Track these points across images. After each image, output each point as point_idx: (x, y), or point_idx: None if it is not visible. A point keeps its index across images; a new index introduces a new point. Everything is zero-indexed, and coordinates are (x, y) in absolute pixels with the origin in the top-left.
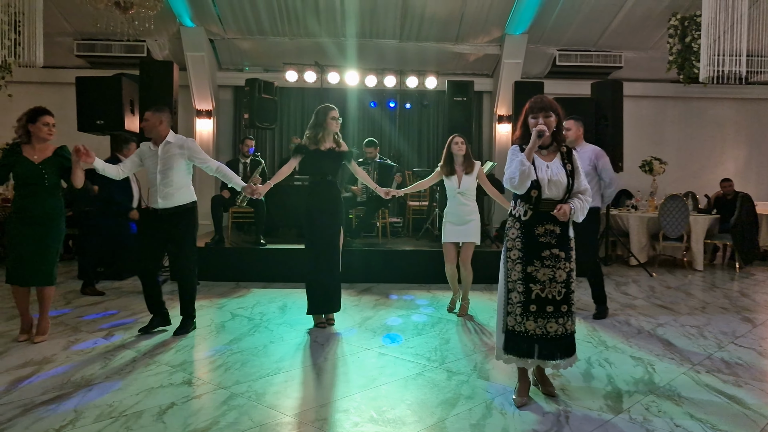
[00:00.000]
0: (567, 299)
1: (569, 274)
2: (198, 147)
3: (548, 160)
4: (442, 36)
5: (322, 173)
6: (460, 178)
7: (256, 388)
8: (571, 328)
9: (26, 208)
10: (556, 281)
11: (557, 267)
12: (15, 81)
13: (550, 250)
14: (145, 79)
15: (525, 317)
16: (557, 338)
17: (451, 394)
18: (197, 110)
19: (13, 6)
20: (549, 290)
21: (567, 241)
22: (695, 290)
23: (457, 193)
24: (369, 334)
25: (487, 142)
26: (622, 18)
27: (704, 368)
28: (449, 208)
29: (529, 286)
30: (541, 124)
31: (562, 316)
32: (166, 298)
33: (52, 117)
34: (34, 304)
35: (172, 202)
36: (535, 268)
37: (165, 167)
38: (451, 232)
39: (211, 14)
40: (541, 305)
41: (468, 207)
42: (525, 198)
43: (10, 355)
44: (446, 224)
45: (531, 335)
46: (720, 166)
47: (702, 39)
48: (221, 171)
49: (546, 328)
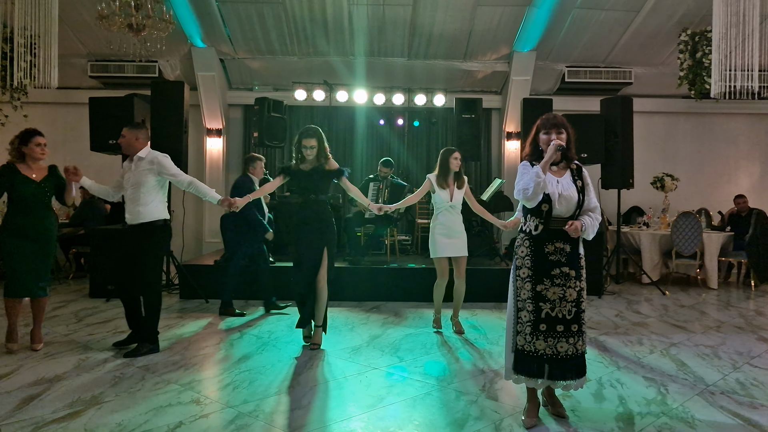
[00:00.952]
0: (577, 318)
1: (580, 293)
2: (168, 162)
3: (559, 176)
4: (451, 53)
5: (306, 192)
6: (452, 191)
7: (263, 407)
8: (581, 348)
9: (25, 225)
10: (566, 300)
11: (567, 286)
12: (30, 102)
13: (560, 269)
14: (156, 98)
15: (535, 336)
16: (567, 358)
17: (460, 415)
18: (207, 129)
19: (29, 29)
20: (559, 309)
21: (577, 259)
22: (709, 309)
23: (449, 206)
24: (377, 353)
25: (495, 159)
26: (632, 34)
27: (719, 389)
28: (440, 221)
29: (539, 305)
30: (555, 139)
31: (572, 336)
32: (175, 317)
33: (44, 137)
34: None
35: (138, 218)
36: (545, 287)
37: (135, 183)
38: (444, 245)
39: (222, 35)
40: (551, 324)
41: (458, 220)
42: (536, 212)
43: (21, 373)
44: (438, 237)
45: (541, 355)
46: (733, 182)
47: (713, 54)
48: (194, 185)
49: (556, 347)
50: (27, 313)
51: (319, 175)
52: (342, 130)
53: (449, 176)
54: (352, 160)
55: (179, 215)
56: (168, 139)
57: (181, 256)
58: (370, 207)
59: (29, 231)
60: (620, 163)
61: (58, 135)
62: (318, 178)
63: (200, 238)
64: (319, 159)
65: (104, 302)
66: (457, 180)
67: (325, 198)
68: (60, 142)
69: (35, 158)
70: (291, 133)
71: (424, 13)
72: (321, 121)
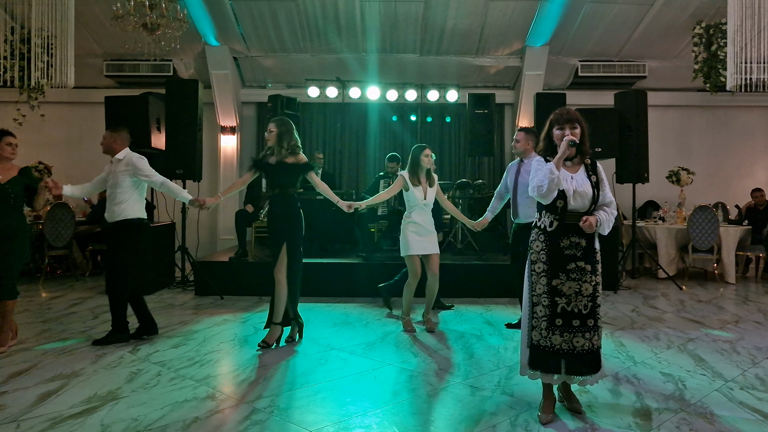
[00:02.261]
0: (593, 313)
1: (595, 288)
2: (142, 163)
3: (573, 171)
4: (463, 49)
5: (274, 186)
6: (425, 189)
7: (278, 402)
8: (597, 343)
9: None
10: (582, 295)
11: (583, 280)
12: (47, 101)
13: (576, 263)
14: (171, 97)
15: (551, 331)
16: (584, 353)
17: (475, 411)
18: (221, 127)
19: (46, 30)
20: (575, 304)
21: (593, 253)
22: (727, 304)
23: (423, 204)
24: (391, 348)
25: (508, 154)
26: (645, 27)
27: (738, 385)
28: (413, 219)
29: (555, 300)
30: (568, 134)
31: (588, 331)
32: (190, 313)
33: (15, 138)
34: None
35: (114, 216)
36: (561, 281)
37: (113, 183)
38: (417, 243)
39: (235, 33)
40: (567, 319)
41: (430, 218)
42: (551, 209)
43: (39, 369)
44: (410, 235)
45: (557, 350)
46: (750, 175)
47: (728, 47)
48: (166, 185)
49: (573, 342)
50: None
51: (284, 168)
52: (355, 126)
53: (421, 174)
54: (365, 157)
55: (193, 213)
56: (182, 137)
57: (196, 252)
58: (339, 204)
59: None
60: (635, 158)
61: (74, 134)
62: (283, 171)
63: (215, 234)
64: (282, 151)
65: None
66: (429, 178)
67: (292, 192)
68: (76, 141)
69: (5, 158)
70: (304, 130)
71: (436, 9)
72: (334, 118)
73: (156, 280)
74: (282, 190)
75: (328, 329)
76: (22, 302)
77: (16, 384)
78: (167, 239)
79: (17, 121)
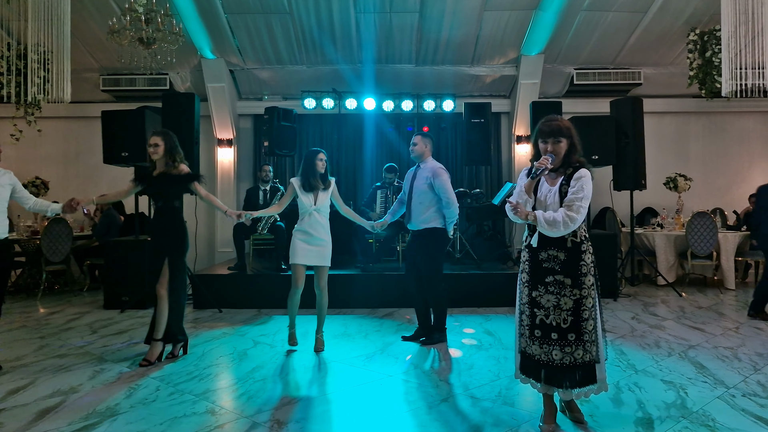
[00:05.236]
0: (576, 327)
1: (579, 302)
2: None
3: (554, 183)
4: (458, 59)
5: (157, 199)
6: (317, 194)
7: (278, 416)
8: (582, 358)
9: None
10: (560, 308)
11: (562, 294)
12: (43, 116)
13: (554, 276)
14: (167, 110)
15: (531, 341)
16: (564, 367)
17: (476, 422)
18: (218, 139)
19: (42, 45)
20: (554, 317)
21: (575, 267)
22: (727, 310)
23: (313, 210)
24: (391, 359)
25: (506, 163)
26: (640, 35)
27: (740, 392)
28: (302, 226)
29: (534, 311)
30: (545, 156)
31: (568, 345)
32: (189, 327)
33: None
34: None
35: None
36: (539, 294)
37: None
38: (304, 252)
39: (231, 46)
40: (546, 331)
41: (322, 225)
42: (529, 224)
43: (37, 386)
44: (297, 242)
45: (537, 360)
46: (748, 181)
47: (723, 53)
48: (37, 202)
49: (551, 354)
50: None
51: (168, 180)
52: (351, 137)
53: (315, 178)
54: (362, 168)
55: (191, 225)
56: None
57: (194, 265)
58: (229, 214)
59: None
60: (632, 164)
61: (71, 148)
62: (167, 183)
63: (213, 247)
64: (167, 163)
65: (119, 314)
66: (323, 182)
67: (177, 205)
68: (73, 155)
69: None
70: (301, 141)
71: (430, 20)
72: (330, 129)
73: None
74: (166, 203)
75: (327, 341)
76: (20, 318)
77: (14, 401)
78: None
79: (14, 136)
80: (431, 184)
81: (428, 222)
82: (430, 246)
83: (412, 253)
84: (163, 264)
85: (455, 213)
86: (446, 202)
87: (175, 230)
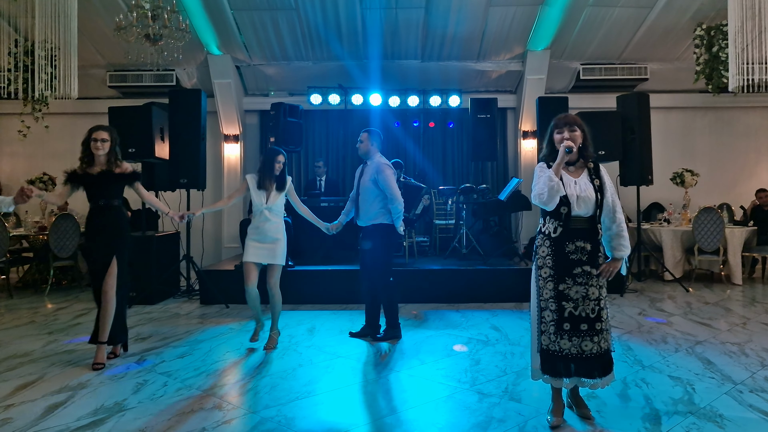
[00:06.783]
0: (600, 317)
1: (601, 291)
2: None
3: (576, 176)
4: (464, 54)
5: (98, 198)
6: (269, 193)
7: (285, 412)
8: (606, 346)
9: None
10: (589, 299)
11: (590, 284)
12: (51, 113)
13: (582, 267)
14: (174, 106)
15: (559, 336)
16: (593, 357)
17: (483, 417)
18: (225, 135)
19: (49, 42)
20: (583, 308)
21: (598, 257)
22: (734, 305)
23: (264, 208)
24: (397, 355)
25: (512, 158)
26: (646, 30)
27: (747, 388)
28: (254, 225)
29: (562, 304)
30: (567, 139)
31: (596, 334)
32: (196, 322)
33: None
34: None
35: None
36: (567, 286)
37: None
38: (254, 250)
39: (237, 42)
40: (575, 323)
41: (274, 224)
42: (554, 215)
43: (45, 381)
44: (250, 242)
45: (566, 354)
46: (755, 176)
47: (729, 48)
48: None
49: (581, 346)
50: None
51: (109, 179)
52: (357, 133)
53: (269, 179)
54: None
55: (198, 221)
56: (186, 146)
57: (201, 261)
58: (170, 215)
59: None
60: (638, 160)
61: (78, 144)
62: (108, 182)
63: (219, 243)
64: (110, 161)
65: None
66: (278, 182)
67: (118, 204)
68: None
69: None
70: (307, 137)
71: (436, 15)
72: (336, 125)
73: (161, 289)
74: (107, 202)
75: (333, 337)
76: (28, 313)
77: (22, 396)
78: (172, 248)
79: (22, 132)
80: (376, 180)
81: (375, 218)
82: (377, 241)
83: (362, 249)
84: (110, 263)
85: (400, 209)
86: (390, 197)
87: (120, 228)
